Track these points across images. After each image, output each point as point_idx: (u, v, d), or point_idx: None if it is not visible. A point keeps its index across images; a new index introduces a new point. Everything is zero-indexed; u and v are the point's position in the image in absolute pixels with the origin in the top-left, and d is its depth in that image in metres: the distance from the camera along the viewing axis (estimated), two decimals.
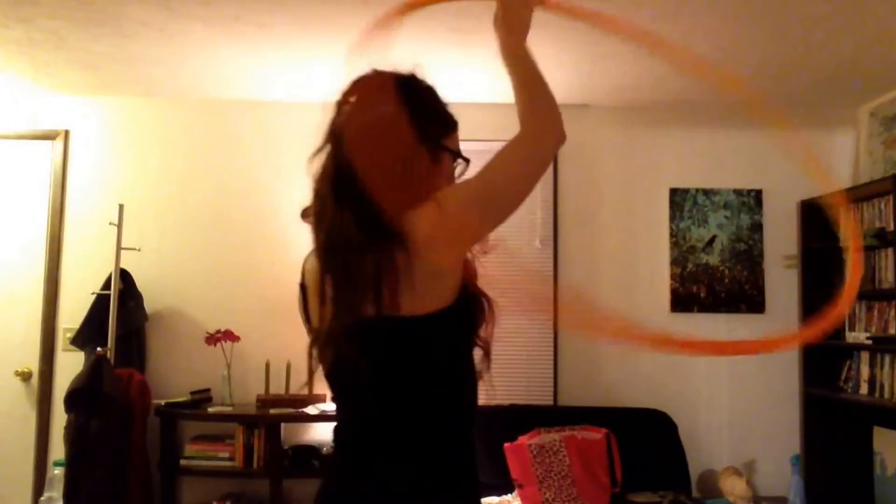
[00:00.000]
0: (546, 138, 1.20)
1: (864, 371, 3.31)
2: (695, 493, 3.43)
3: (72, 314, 3.54)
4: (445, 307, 1.15)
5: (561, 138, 1.22)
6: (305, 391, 3.43)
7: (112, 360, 3.21)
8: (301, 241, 3.90)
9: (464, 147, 1.35)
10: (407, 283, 1.10)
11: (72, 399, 3.04)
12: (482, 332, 1.24)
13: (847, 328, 3.50)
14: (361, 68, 1.31)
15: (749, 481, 3.34)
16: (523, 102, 1.24)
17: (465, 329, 1.22)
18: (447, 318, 1.15)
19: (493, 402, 3.49)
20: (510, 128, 1.51)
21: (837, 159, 3.74)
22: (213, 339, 3.42)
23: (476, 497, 1.29)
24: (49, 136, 3.69)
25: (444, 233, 1.12)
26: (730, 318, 3.66)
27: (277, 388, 3.45)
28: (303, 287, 1.28)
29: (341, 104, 1.28)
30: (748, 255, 3.68)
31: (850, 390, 3.40)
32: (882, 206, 3.30)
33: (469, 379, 1.25)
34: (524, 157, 1.19)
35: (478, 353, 1.26)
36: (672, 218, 3.71)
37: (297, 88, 3.53)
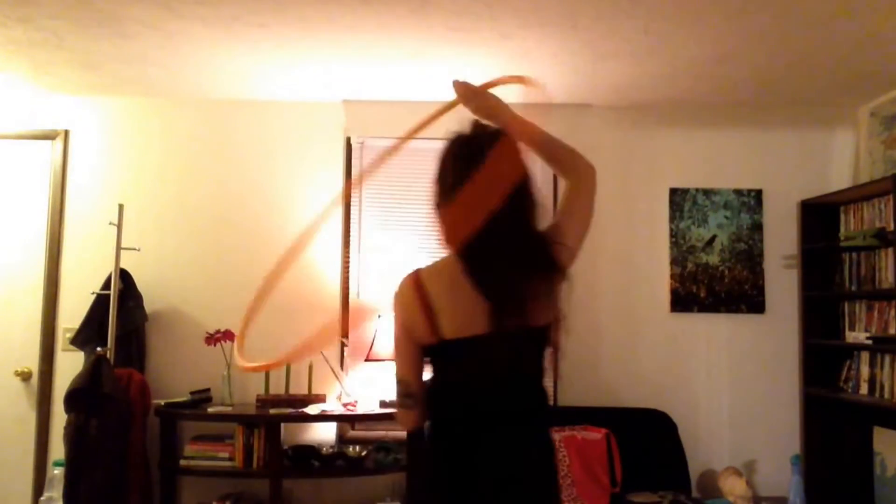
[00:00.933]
0: (589, 180, 1.57)
1: (864, 371, 3.31)
2: (695, 493, 3.43)
3: (72, 314, 3.54)
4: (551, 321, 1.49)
5: (594, 172, 1.57)
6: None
7: (112, 360, 3.21)
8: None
9: None
10: (551, 302, 1.46)
11: (72, 399, 3.04)
12: (556, 338, 1.52)
13: (847, 328, 3.50)
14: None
15: (749, 481, 3.34)
16: (557, 164, 1.61)
17: None
18: (547, 330, 1.49)
19: None
20: None
21: (837, 159, 3.74)
22: (212, 339, 3.41)
23: None
24: (49, 136, 3.70)
25: (569, 267, 1.49)
26: (730, 318, 3.66)
27: (277, 388, 3.45)
28: (406, 305, 1.50)
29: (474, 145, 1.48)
30: (748, 255, 3.68)
31: (850, 390, 3.40)
32: (882, 206, 3.30)
33: None
34: (586, 199, 1.57)
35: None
36: (672, 218, 3.71)
37: (296, 88, 3.54)
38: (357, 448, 3.34)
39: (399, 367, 1.53)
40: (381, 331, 3.35)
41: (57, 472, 3.06)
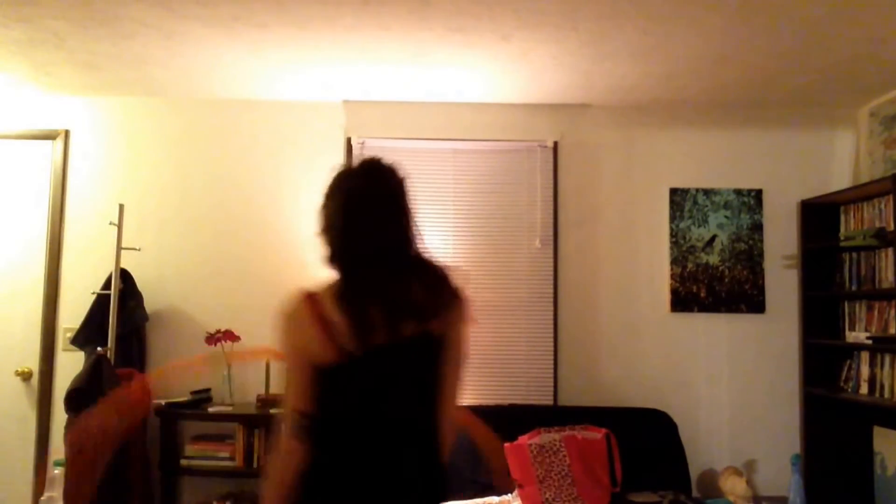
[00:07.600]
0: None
1: (864, 371, 3.31)
2: (695, 493, 3.43)
3: (72, 314, 3.54)
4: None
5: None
6: None
7: (112, 360, 3.21)
8: (300, 240, 3.88)
9: (461, 147, 1.42)
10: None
11: (72, 399, 3.04)
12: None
13: (847, 328, 3.50)
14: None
15: (749, 481, 3.34)
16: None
17: None
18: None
19: (493, 402, 3.50)
20: (509, 128, 1.51)
21: (837, 159, 3.74)
22: (213, 339, 3.42)
23: None
24: (49, 136, 3.70)
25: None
26: (730, 318, 3.66)
27: (278, 387, 3.45)
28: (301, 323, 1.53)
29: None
30: (748, 255, 3.68)
31: (850, 390, 3.40)
32: (882, 206, 3.30)
33: None
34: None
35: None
36: (672, 218, 3.71)
37: (296, 88, 3.54)
38: None
39: (294, 396, 1.43)
40: None
41: (57, 472, 3.05)
